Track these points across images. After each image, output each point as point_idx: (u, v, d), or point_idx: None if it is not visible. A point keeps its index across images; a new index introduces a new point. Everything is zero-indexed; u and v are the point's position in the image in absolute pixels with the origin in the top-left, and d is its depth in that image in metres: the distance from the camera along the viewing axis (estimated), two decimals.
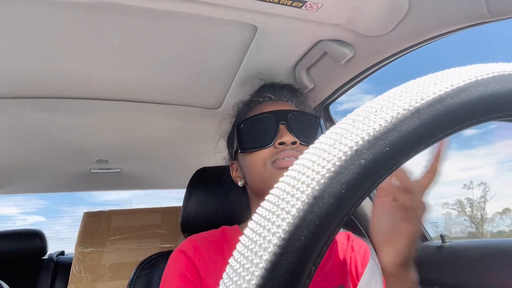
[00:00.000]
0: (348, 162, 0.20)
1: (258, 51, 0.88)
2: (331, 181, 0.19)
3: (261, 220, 0.21)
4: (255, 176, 0.73)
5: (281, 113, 0.73)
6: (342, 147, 0.20)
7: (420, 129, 0.20)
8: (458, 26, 0.68)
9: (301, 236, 0.19)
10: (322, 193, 0.19)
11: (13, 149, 1.43)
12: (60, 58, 0.87)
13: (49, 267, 1.92)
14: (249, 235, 0.21)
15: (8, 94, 1.02)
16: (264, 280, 0.18)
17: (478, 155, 11.81)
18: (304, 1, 0.68)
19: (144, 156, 1.72)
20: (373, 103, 0.23)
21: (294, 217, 0.19)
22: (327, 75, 0.98)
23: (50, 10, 0.70)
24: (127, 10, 0.71)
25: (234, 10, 0.70)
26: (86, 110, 1.15)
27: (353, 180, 0.19)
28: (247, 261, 0.20)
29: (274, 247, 0.19)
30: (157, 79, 1.02)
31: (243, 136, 0.75)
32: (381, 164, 0.20)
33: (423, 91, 0.22)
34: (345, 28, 0.79)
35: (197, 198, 0.91)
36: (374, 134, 0.20)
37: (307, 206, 0.19)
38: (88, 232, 1.77)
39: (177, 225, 0.95)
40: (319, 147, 0.22)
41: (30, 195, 4.71)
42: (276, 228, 0.19)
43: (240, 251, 0.21)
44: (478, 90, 0.22)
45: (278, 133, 0.71)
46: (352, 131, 0.21)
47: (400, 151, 0.20)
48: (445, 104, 0.21)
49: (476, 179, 6.35)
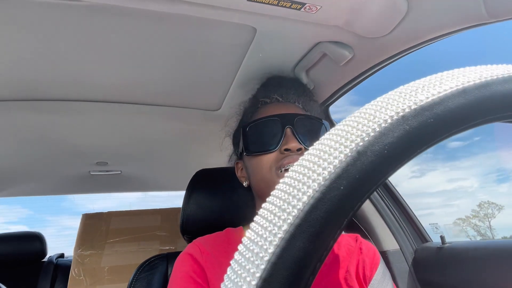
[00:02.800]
0: (393, 125, 0.20)
1: (258, 53, 0.88)
2: (375, 140, 0.20)
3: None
4: (261, 179, 0.73)
5: (287, 117, 0.74)
6: (389, 112, 0.21)
7: (465, 108, 0.21)
8: (457, 28, 0.68)
9: (340, 185, 0.19)
10: (366, 150, 0.20)
11: (12, 152, 1.43)
12: (59, 60, 0.87)
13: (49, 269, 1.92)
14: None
15: (7, 96, 1.02)
16: (301, 216, 0.19)
17: (462, 167, 12.00)
18: (303, 3, 0.68)
19: (144, 158, 1.72)
20: (420, 80, 0.24)
21: (336, 167, 0.20)
22: (327, 77, 0.98)
23: (50, 12, 0.70)
24: (127, 13, 0.71)
25: (234, 12, 0.70)
26: (85, 112, 1.15)
27: (396, 143, 0.20)
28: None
29: (313, 192, 0.19)
30: (157, 81, 1.02)
31: (249, 138, 0.76)
32: (424, 134, 0.21)
33: (470, 76, 0.23)
34: (344, 30, 0.79)
35: (196, 199, 0.91)
36: (421, 104, 0.21)
37: (350, 159, 0.20)
38: (87, 234, 1.76)
39: (177, 227, 0.94)
40: (364, 111, 0.22)
41: (13, 205, 4.60)
42: (317, 176, 0.20)
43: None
44: (490, 89, 0.22)
45: (284, 138, 0.71)
46: (399, 100, 0.22)
47: (442, 126, 0.21)
48: (490, 90, 0.22)
49: (461, 190, 6.48)
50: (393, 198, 1.19)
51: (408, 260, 1.09)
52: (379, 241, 1.11)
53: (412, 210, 1.17)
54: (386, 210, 1.15)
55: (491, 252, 0.86)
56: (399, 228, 1.14)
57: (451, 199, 60.22)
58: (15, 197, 2.13)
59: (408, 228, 1.15)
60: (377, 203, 1.15)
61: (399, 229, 1.14)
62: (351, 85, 1.00)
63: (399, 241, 1.12)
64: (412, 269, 1.08)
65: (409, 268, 1.08)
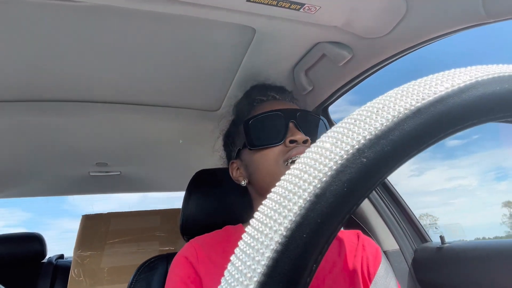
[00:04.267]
0: (349, 161, 0.20)
1: (257, 53, 0.88)
2: (333, 179, 0.20)
3: (263, 218, 0.21)
4: (266, 173, 0.73)
5: (290, 112, 0.75)
6: (344, 145, 0.21)
7: (422, 128, 0.21)
8: (456, 28, 0.68)
9: (303, 234, 0.19)
10: (324, 191, 0.19)
11: (12, 153, 1.43)
12: (59, 61, 0.87)
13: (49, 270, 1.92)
14: (251, 233, 0.21)
15: (7, 97, 1.02)
16: (265, 277, 0.19)
17: (461, 165, 11.98)
18: (302, 3, 0.68)
19: (143, 158, 1.72)
20: (375, 102, 0.23)
21: (296, 215, 0.19)
22: (326, 77, 0.98)
23: (49, 13, 0.70)
24: (126, 13, 0.71)
25: (233, 13, 0.70)
26: (85, 113, 1.15)
27: (355, 178, 0.19)
28: (248, 258, 0.20)
29: (276, 245, 0.19)
30: (156, 81, 1.02)
31: (252, 133, 0.75)
32: (382, 163, 0.20)
33: (424, 91, 0.22)
34: (343, 30, 0.79)
35: (196, 200, 0.91)
36: (376, 133, 0.21)
37: (309, 204, 0.19)
38: (86, 235, 1.76)
39: (176, 228, 0.94)
40: (321, 146, 0.22)
41: (14, 208, 4.54)
42: (278, 226, 0.19)
43: (242, 248, 0.21)
44: (479, 90, 0.22)
45: (289, 131, 0.72)
46: (354, 130, 0.21)
47: (401, 151, 0.20)
48: (446, 104, 0.21)
49: (460, 188, 6.48)
50: (392, 198, 1.19)
51: (407, 260, 1.09)
52: (379, 241, 1.11)
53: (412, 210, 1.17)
54: (386, 210, 1.15)
55: (491, 252, 0.87)
56: (398, 228, 1.14)
57: (450, 197, 59.94)
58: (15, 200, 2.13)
59: (408, 228, 1.16)
60: (376, 203, 1.15)
61: (399, 229, 1.14)
62: (351, 85, 1.00)
63: (398, 241, 1.12)
64: (412, 269, 1.08)
65: (408, 268, 1.08)
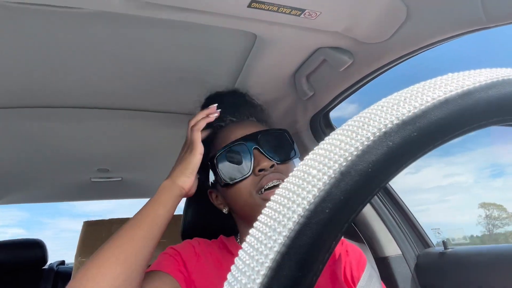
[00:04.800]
0: (376, 143, 0.20)
1: (258, 59, 0.89)
2: (359, 159, 0.20)
3: (286, 192, 0.21)
4: (243, 206, 0.71)
5: (250, 138, 0.72)
6: (371, 128, 0.21)
7: (448, 119, 0.21)
8: (456, 32, 0.68)
9: (326, 208, 0.19)
10: (349, 170, 0.20)
11: (13, 159, 1.43)
12: (59, 68, 0.88)
13: (50, 276, 1.91)
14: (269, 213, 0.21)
15: (8, 104, 1.03)
16: (286, 248, 0.19)
17: (458, 162, 11.99)
18: (303, 9, 0.68)
19: (145, 164, 1.72)
20: (402, 92, 0.23)
21: (319, 190, 0.19)
22: (327, 82, 0.98)
23: (48, 20, 0.70)
24: (125, 20, 0.72)
25: (234, 19, 0.71)
26: (86, 119, 1.15)
27: (380, 160, 0.20)
28: (269, 229, 0.20)
29: (298, 217, 0.19)
30: (157, 87, 1.02)
31: (219, 170, 0.73)
32: (408, 149, 0.20)
33: (451, 84, 0.22)
34: (344, 36, 0.79)
35: (197, 206, 0.91)
36: (403, 119, 0.21)
37: (334, 180, 0.19)
38: (88, 241, 1.76)
39: (177, 233, 0.94)
40: (347, 128, 0.22)
41: (10, 208, 4.54)
42: (301, 200, 0.20)
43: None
44: (506, 89, 0.22)
45: (254, 160, 0.70)
46: (381, 115, 0.22)
47: (426, 139, 0.21)
48: (473, 98, 0.22)
49: (456, 185, 6.48)
50: (394, 203, 1.18)
51: (410, 266, 1.09)
52: (381, 247, 1.11)
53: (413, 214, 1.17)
54: (388, 215, 1.15)
55: (494, 258, 0.86)
56: (401, 233, 1.14)
57: (447, 194, 60.13)
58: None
59: (410, 233, 1.15)
60: (378, 208, 1.14)
61: (401, 235, 1.13)
62: (351, 90, 1.00)
63: (401, 246, 1.11)
64: (414, 274, 1.07)
65: (411, 273, 1.08)
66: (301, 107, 1.13)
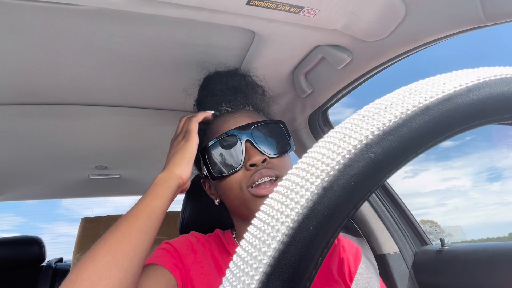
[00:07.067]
0: (357, 155, 0.20)
1: (256, 56, 0.89)
2: (340, 173, 0.20)
3: (270, 210, 0.21)
4: (234, 200, 0.70)
5: (244, 129, 0.70)
6: (352, 140, 0.21)
7: (430, 126, 0.21)
8: (455, 31, 0.68)
9: (310, 226, 0.19)
10: (332, 185, 0.19)
11: (11, 156, 1.43)
12: (58, 65, 0.87)
13: (48, 274, 1.91)
14: (256, 225, 0.21)
15: (6, 101, 1.02)
16: (271, 268, 0.18)
17: (455, 166, 12.02)
18: (301, 6, 0.68)
19: (143, 161, 1.72)
20: (383, 100, 0.23)
21: (303, 207, 0.19)
22: (325, 80, 0.98)
23: (47, 17, 0.70)
24: (126, 17, 0.72)
25: (233, 16, 0.70)
26: (85, 116, 1.15)
27: (362, 173, 0.19)
28: (254, 249, 0.20)
29: (282, 236, 0.19)
30: (156, 84, 1.02)
31: (209, 161, 0.72)
32: (390, 159, 0.20)
33: (432, 90, 0.22)
34: (342, 33, 0.79)
35: (195, 203, 0.91)
36: (384, 129, 0.21)
37: (317, 197, 0.19)
38: (86, 238, 1.76)
39: (175, 230, 0.95)
40: (329, 140, 0.22)
41: (6, 212, 4.41)
42: (285, 218, 0.19)
43: (248, 240, 0.21)
44: (487, 91, 0.22)
45: (246, 153, 0.68)
46: (362, 126, 0.21)
47: (408, 148, 0.20)
48: (454, 103, 0.21)
49: (454, 189, 6.52)
50: (392, 201, 1.19)
51: (408, 263, 1.09)
52: (379, 244, 1.11)
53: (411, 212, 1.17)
54: (386, 213, 1.15)
55: (491, 255, 0.86)
56: (398, 231, 1.14)
57: (445, 198, 60.15)
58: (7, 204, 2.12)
59: (408, 231, 1.15)
60: (376, 206, 1.15)
61: (399, 232, 1.14)
62: (350, 88, 1.00)
63: (398, 244, 1.12)
64: (412, 272, 1.08)
65: (409, 271, 1.08)
66: (300, 105, 1.13)
